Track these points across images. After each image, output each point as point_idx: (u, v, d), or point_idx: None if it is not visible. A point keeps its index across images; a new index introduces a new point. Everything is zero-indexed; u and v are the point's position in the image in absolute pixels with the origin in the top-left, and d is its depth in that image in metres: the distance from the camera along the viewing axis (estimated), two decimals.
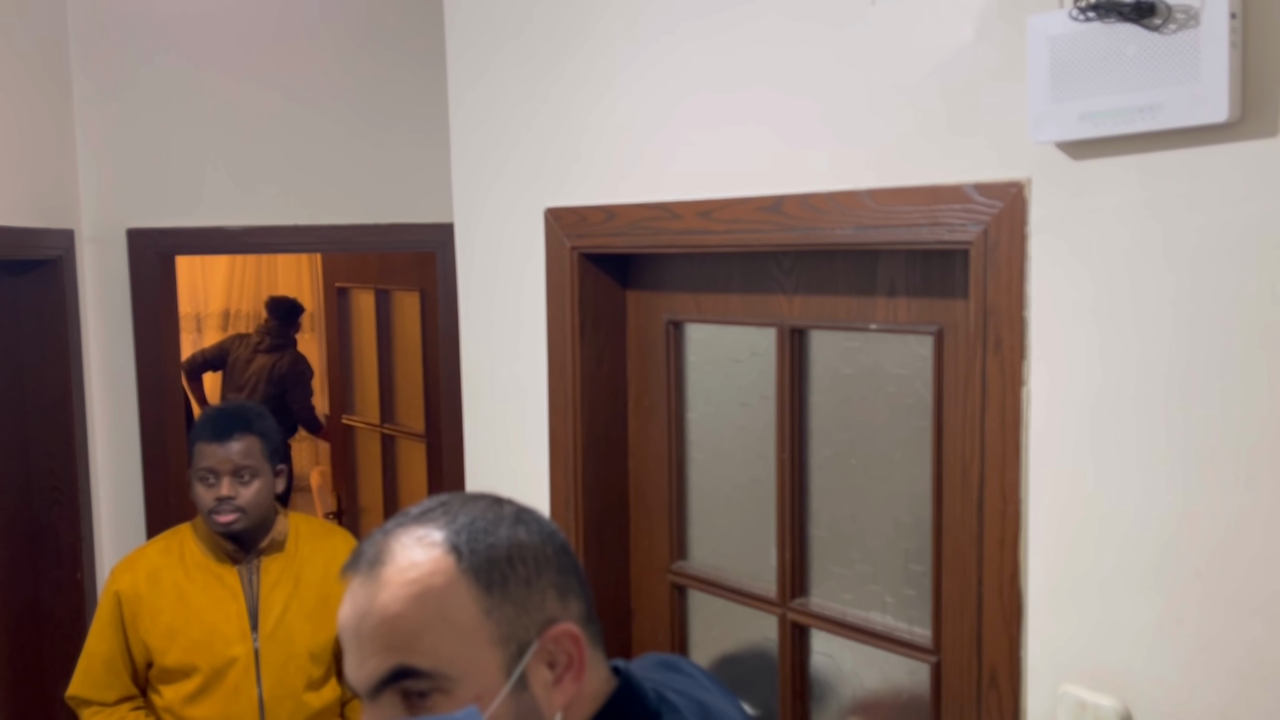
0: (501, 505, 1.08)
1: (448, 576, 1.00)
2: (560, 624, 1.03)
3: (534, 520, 1.08)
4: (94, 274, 3.29)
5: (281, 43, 3.34)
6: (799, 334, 1.92)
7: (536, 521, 1.08)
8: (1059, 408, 1.45)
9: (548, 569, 1.04)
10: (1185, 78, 1.24)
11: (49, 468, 3.14)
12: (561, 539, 1.09)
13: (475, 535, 1.03)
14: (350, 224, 3.36)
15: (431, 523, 1.04)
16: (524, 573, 1.03)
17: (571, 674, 1.04)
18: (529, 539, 1.05)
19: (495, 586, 1.01)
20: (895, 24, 1.59)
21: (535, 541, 1.05)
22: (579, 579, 1.08)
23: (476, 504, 1.08)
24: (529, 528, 1.06)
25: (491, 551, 1.02)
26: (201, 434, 2.35)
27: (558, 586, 1.04)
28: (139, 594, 2.33)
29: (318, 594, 2.41)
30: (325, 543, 2.49)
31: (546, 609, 1.03)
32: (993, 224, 1.48)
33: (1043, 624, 1.49)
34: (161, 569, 2.36)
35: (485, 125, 2.36)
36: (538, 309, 2.26)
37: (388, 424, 4.02)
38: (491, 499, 1.10)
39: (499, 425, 2.41)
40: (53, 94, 3.15)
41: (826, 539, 1.93)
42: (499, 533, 1.04)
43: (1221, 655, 1.32)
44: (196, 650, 2.31)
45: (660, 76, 1.96)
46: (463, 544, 1.02)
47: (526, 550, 1.04)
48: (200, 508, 2.34)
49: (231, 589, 2.35)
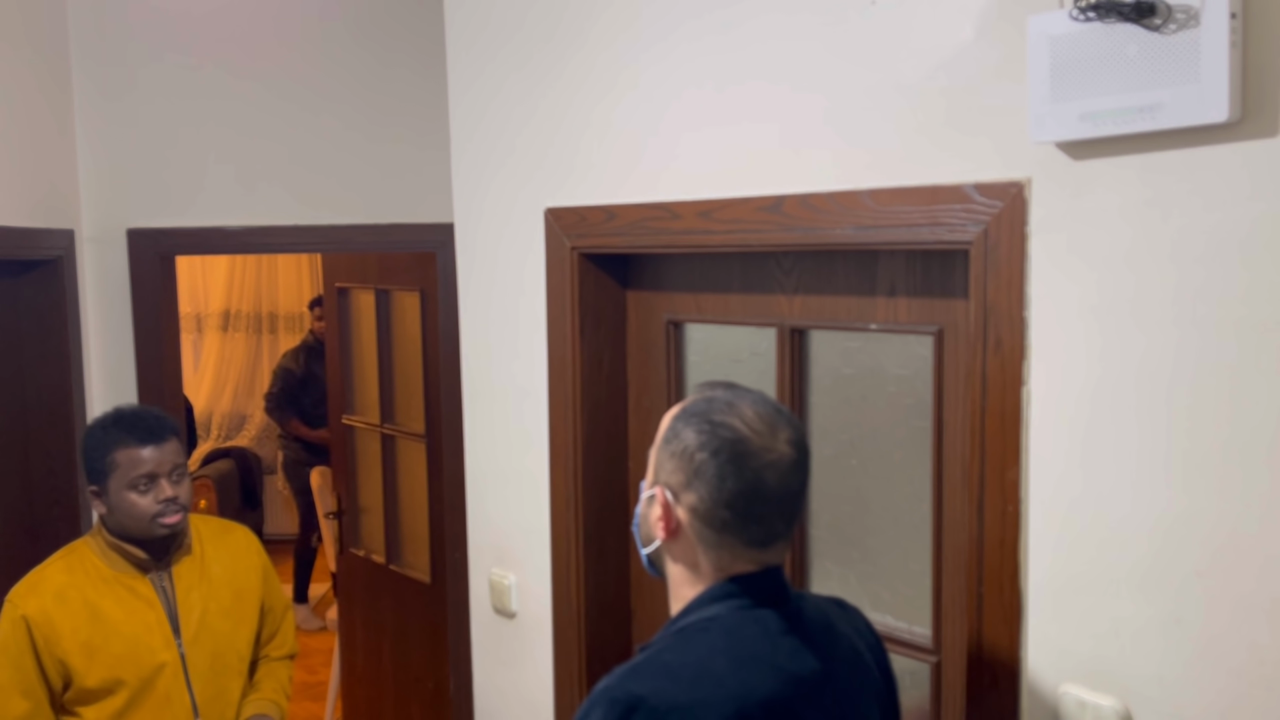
0: (724, 415, 1.34)
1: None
2: (659, 488, 1.38)
3: (716, 428, 1.33)
4: (94, 274, 3.29)
5: (282, 43, 3.34)
6: (799, 334, 1.92)
7: (721, 428, 1.33)
8: (1059, 408, 1.45)
9: (686, 460, 1.34)
10: (1185, 78, 1.24)
11: (49, 468, 3.14)
12: (727, 457, 1.32)
13: (683, 410, 1.38)
14: (350, 224, 3.36)
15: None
16: (673, 447, 1.36)
17: (663, 524, 1.37)
18: (691, 438, 1.34)
19: (664, 443, 1.38)
20: (895, 24, 1.59)
21: (693, 444, 1.33)
22: (730, 500, 1.31)
23: (707, 391, 1.39)
24: (700, 432, 1.33)
25: (669, 426, 1.39)
26: (129, 439, 2.22)
27: (685, 474, 1.34)
28: (49, 616, 2.19)
29: (231, 590, 2.37)
30: (227, 540, 2.44)
31: (667, 476, 1.37)
32: (993, 224, 1.48)
33: (1043, 624, 1.49)
34: (68, 587, 2.23)
35: (485, 125, 2.36)
36: (538, 309, 2.26)
37: (388, 424, 4.02)
38: (719, 396, 1.38)
39: (499, 425, 2.41)
40: (53, 94, 3.15)
41: (826, 539, 1.93)
42: (686, 411, 1.37)
43: (1222, 655, 1.32)
44: (121, 664, 2.21)
45: (660, 76, 1.96)
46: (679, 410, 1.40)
47: (681, 441, 1.35)
48: (137, 515, 2.21)
49: (146, 598, 2.26)
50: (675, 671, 1.28)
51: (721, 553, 1.35)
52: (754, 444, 1.31)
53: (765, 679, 1.29)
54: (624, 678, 1.29)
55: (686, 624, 1.34)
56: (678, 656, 1.30)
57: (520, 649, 2.41)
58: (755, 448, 1.31)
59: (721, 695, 1.26)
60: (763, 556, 1.36)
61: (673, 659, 1.30)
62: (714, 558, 1.35)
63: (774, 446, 1.32)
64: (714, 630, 1.33)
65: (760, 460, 1.31)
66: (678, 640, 1.33)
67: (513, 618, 2.42)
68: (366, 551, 4.21)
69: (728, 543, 1.34)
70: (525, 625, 2.38)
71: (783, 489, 1.32)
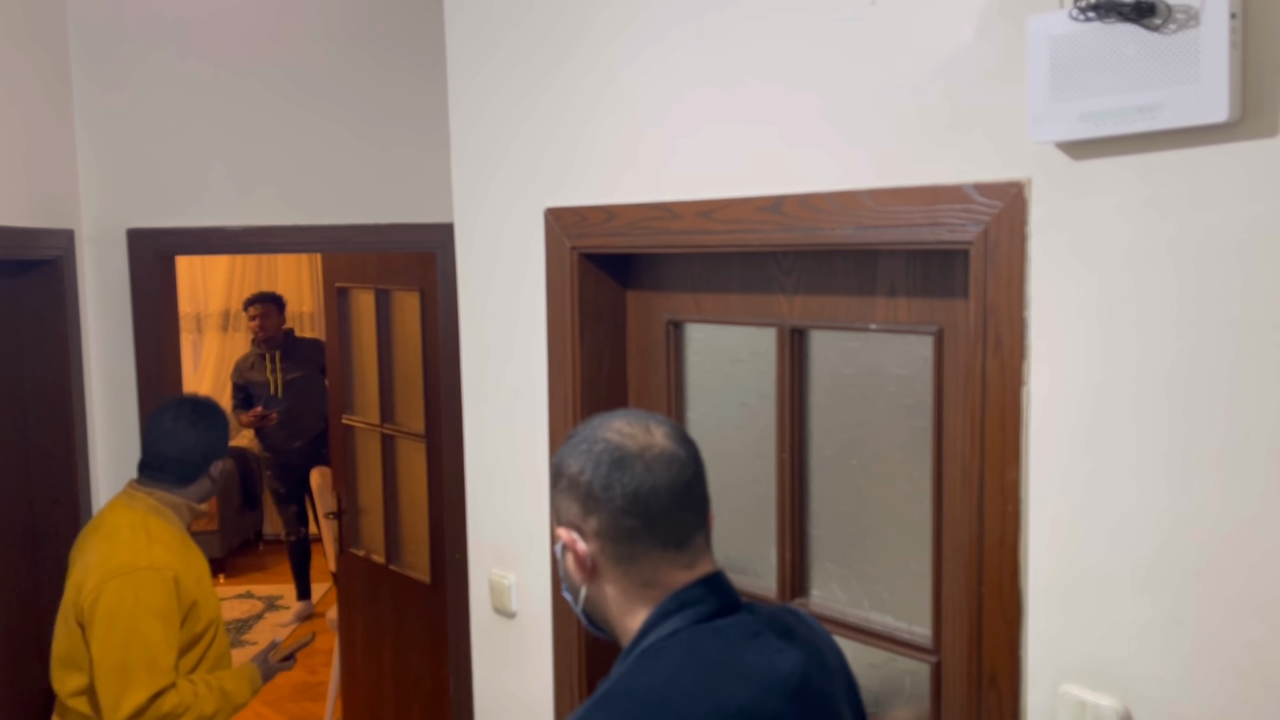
0: (596, 432, 1.36)
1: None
2: (560, 527, 1.37)
3: (591, 445, 1.34)
4: (94, 274, 3.29)
5: (282, 43, 3.34)
6: (799, 334, 1.92)
7: (595, 444, 1.34)
8: (1059, 408, 1.45)
9: (574, 489, 1.34)
10: (1185, 78, 1.24)
11: (49, 468, 3.14)
12: (604, 471, 1.32)
13: (559, 450, 1.40)
14: (350, 224, 3.36)
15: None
16: (560, 485, 1.37)
17: (579, 566, 1.35)
18: (573, 466, 1.34)
19: (553, 488, 1.39)
20: (895, 24, 1.59)
21: (575, 470, 1.34)
22: (627, 506, 1.31)
23: (608, 422, 1.37)
24: (578, 456, 1.34)
25: (551, 469, 1.40)
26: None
27: (580, 503, 1.34)
28: (179, 570, 2.48)
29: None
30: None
31: (567, 517, 1.36)
32: (993, 224, 1.48)
33: (1043, 624, 1.49)
34: (174, 541, 2.55)
35: (484, 124, 2.36)
36: (538, 309, 2.26)
37: (388, 424, 4.02)
38: (588, 422, 1.39)
39: (499, 425, 2.41)
40: (53, 94, 3.15)
41: (826, 539, 1.93)
42: (563, 450, 1.38)
43: (1221, 655, 1.32)
44: (213, 605, 2.59)
45: (660, 76, 1.96)
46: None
47: (565, 475, 1.36)
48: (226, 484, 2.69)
49: (200, 552, 2.66)
50: (643, 697, 1.24)
51: (643, 565, 1.33)
52: (631, 446, 1.32)
53: (738, 689, 1.26)
54: (590, 711, 1.25)
55: (644, 647, 1.31)
56: (643, 680, 1.27)
57: (520, 649, 2.41)
58: (633, 449, 1.32)
59: (696, 712, 1.23)
60: (688, 559, 1.34)
61: (638, 684, 1.27)
62: (639, 573, 1.33)
63: (652, 443, 1.33)
64: (674, 647, 1.29)
65: (643, 459, 1.31)
66: (638, 665, 1.29)
67: (513, 618, 2.42)
68: (366, 551, 4.21)
69: (644, 551, 1.32)
70: (525, 625, 2.38)
71: (675, 479, 1.32)
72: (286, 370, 6.14)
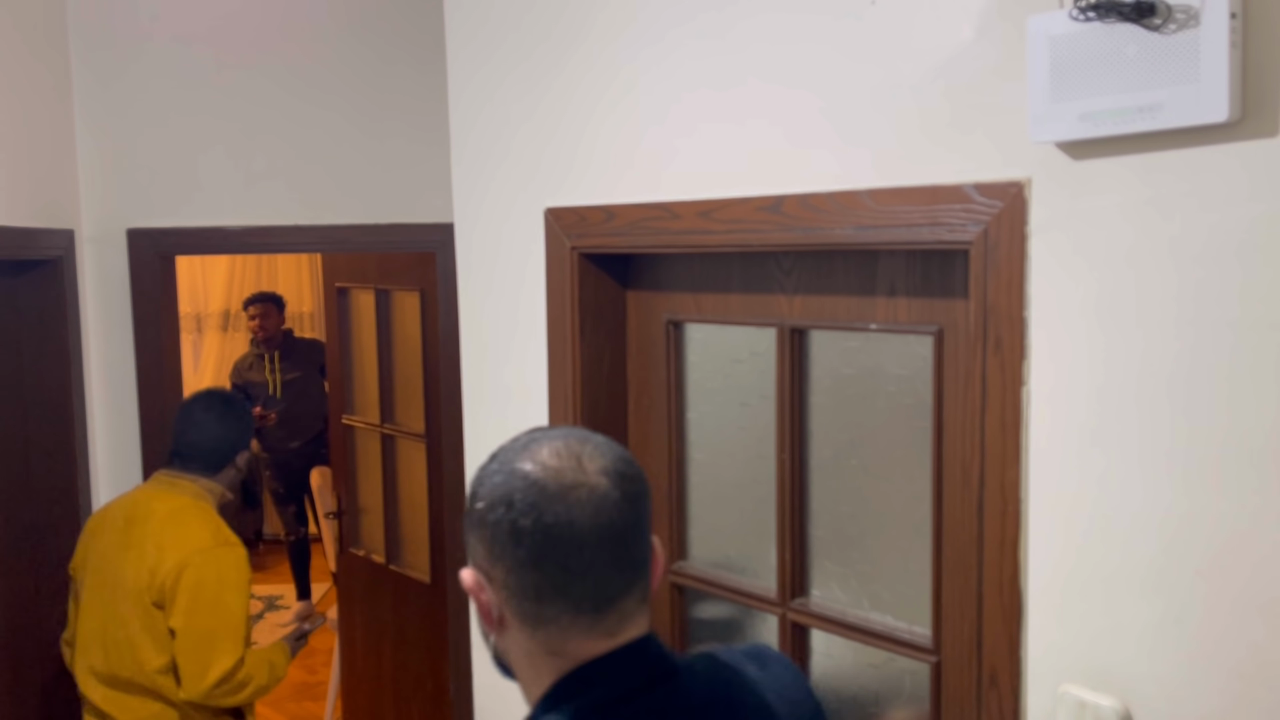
0: (516, 458, 1.12)
1: None
2: (466, 569, 1.14)
3: (508, 478, 1.11)
4: (94, 274, 3.29)
5: (283, 44, 3.34)
6: (799, 334, 1.92)
7: (511, 477, 1.10)
8: (1059, 408, 1.45)
9: (481, 527, 1.11)
10: (1185, 78, 1.24)
11: (49, 468, 3.14)
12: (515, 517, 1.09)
13: (477, 471, 1.17)
14: (350, 224, 3.36)
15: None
16: (471, 519, 1.13)
17: (484, 616, 1.14)
18: (483, 500, 1.11)
19: (465, 518, 1.16)
20: (895, 24, 1.59)
21: (484, 505, 1.11)
22: (535, 559, 1.08)
23: (536, 445, 1.14)
24: (491, 489, 1.11)
25: (472, 481, 1.17)
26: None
27: (485, 544, 1.11)
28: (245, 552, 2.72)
29: None
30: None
31: (474, 557, 1.13)
32: (993, 224, 1.48)
33: (1043, 624, 1.49)
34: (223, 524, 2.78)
35: (484, 124, 2.36)
36: (538, 309, 2.26)
37: (388, 424, 4.02)
38: (514, 443, 1.15)
39: (499, 425, 2.41)
40: (53, 94, 3.15)
41: (826, 539, 1.93)
42: (481, 471, 1.15)
43: (1222, 656, 1.32)
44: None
45: (660, 76, 1.96)
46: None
47: (475, 508, 1.13)
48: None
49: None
50: None
51: (550, 630, 1.10)
52: (550, 485, 1.08)
53: None
54: None
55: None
56: None
57: None
58: (553, 489, 1.08)
59: None
60: (611, 624, 1.10)
61: None
62: (545, 638, 1.10)
63: (581, 480, 1.08)
64: None
65: (564, 500, 1.07)
66: None
67: None
68: (366, 551, 4.21)
69: (552, 615, 1.09)
70: None
71: (602, 529, 1.07)
72: (285, 370, 6.14)
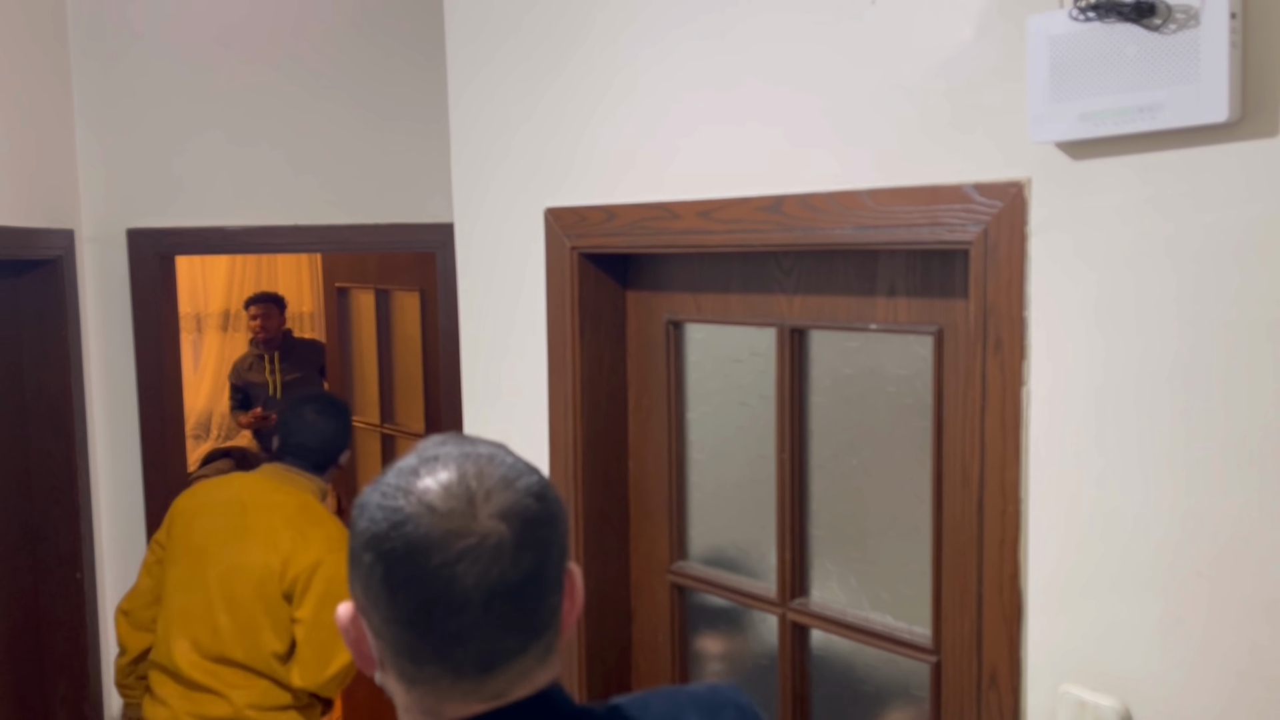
0: (408, 484, 0.97)
1: None
2: (345, 603, 1.00)
3: (386, 514, 0.95)
4: (94, 274, 3.29)
5: (283, 44, 3.34)
6: (799, 334, 1.92)
7: (389, 514, 0.95)
8: (1059, 408, 1.45)
9: (355, 563, 0.97)
10: (1185, 78, 1.24)
11: (49, 468, 3.14)
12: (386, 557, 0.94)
13: (366, 488, 1.02)
14: (350, 224, 3.36)
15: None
16: (351, 544, 0.99)
17: (361, 657, 1.01)
18: (359, 531, 0.97)
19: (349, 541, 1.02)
20: (895, 24, 1.59)
21: (358, 539, 0.97)
22: (410, 618, 0.93)
23: (435, 469, 0.97)
24: (369, 521, 0.96)
25: (357, 500, 1.02)
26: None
27: (360, 583, 0.97)
28: None
29: None
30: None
31: (352, 587, 0.99)
32: (993, 224, 1.48)
33: (1043, 624, 1.49)
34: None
35: (484, 124, 2.36)
36: (537, 309, 2.26)
37: (388, 424, 4.02)
38: (408, 463, 0.99)
39: (499, 425, 2.41)
40: (53, 94, 3.15)
41: (826, 539, 1.93)
42: (369, 490, 1.00)
43: (1222, 655, 1.32)
44: None
45: (660, 75, 1.96)
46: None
47: (352, 536, 0.99)
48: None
49: None
50: None
51: (424, 691, 0.96)
52: (435, 533, 0.92)
53: None
54: None
55: None
56: None
57: None
58: (438, 537, 0.92)
59: None
60: (499, 686, 0.96)
61: None
62: (419, 698, 0.96)
63: (468, 529, 0.92)
64: None
65: (447, 553, 0.91)
66: None
67: None
68: None
69: (429, 677, 0.95)
70: None
71: (491, 588, 0.92)
72: (285, 371, 6.13)
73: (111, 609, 3.25)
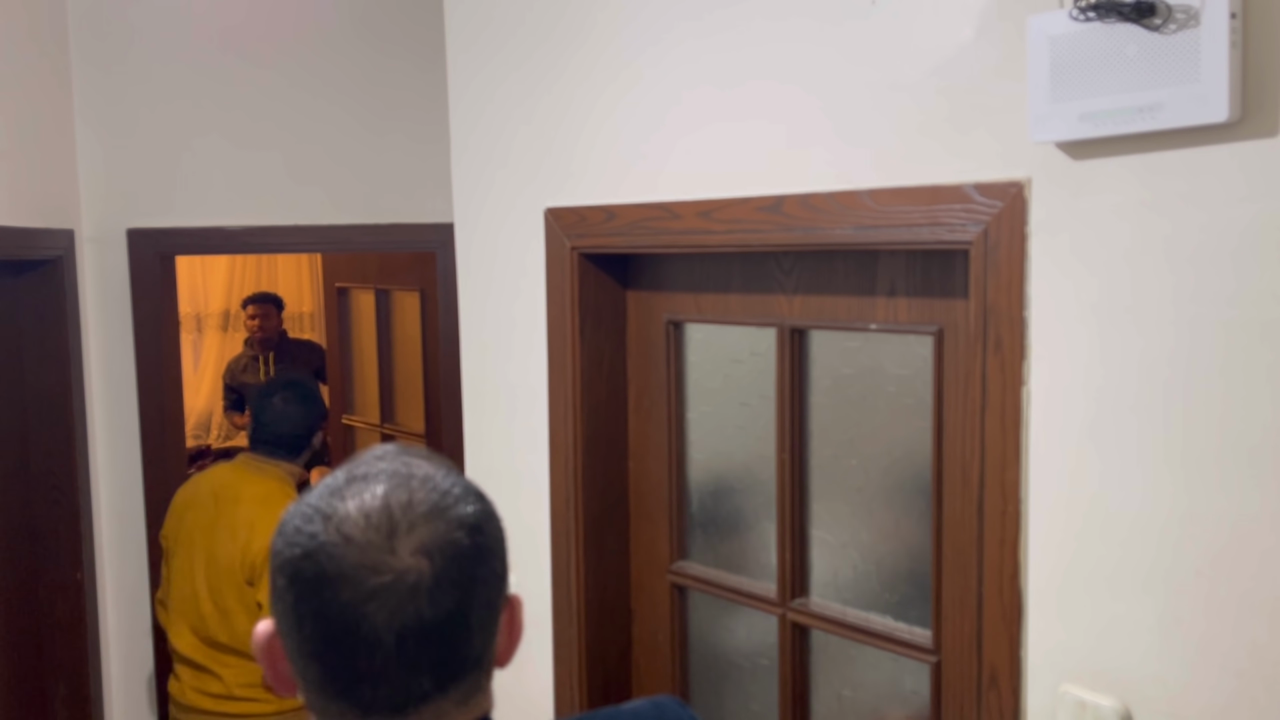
0: (332, 506, 0.91)
1: None
2: (265, 621, 0.95)
3: (303, 539, 0.89)
4: (94, 274, 3.29)
5: (283, 44, 3.34)
6: (799, 334, 1.92)
7: (302, 539, 0.89)
8: (1059, 408, 1.45)
9: (271, 586, 0.92)
10: (1185, 78, 1.24)
11: (49, 468, 3.14)
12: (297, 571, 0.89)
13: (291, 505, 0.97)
14: (350, 224, 3.36)
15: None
16: (272, 562, 0.93)
17: (277, 679, 0.95)
18: (276, 553, 0.91)
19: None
20: (895, 24, 1.59)
21: (274, 561, 0.91)
22: (318, 651, 0.89)
23: (361, 490, 0.91)
24: (285, 544, 0.91)
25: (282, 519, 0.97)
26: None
27: (276, 606, 0.91)
28: None
29: None
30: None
31: (270, 608, 0.93)
32: (993, 224, 1.48)
33: (1043, 624, 1.49)
34: None
35: (485, 124, 2.36)
36: (537, 309, 2.26)
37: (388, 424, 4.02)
38: (335, 480, 0.93)
39: (499, 425, 2.41)
40: (53, 94, 3.15)
41: (826, 539, 1.93)
42: (293, 508, 0.94)
43: (1222, 655, 1.32)
44: None
45: (660, 76, 1.96)
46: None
47: (271, 557, 0.93)
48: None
49: None
50: None
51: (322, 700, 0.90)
52: (347, 566, 0.86)
53: None
54: None
55: None
56: None
57: (520, 649, 2.40)
58: (349, 571, 0.86)
59: None
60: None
61: None
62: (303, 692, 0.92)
63: (384, 564, 0.86)
64: None
65: (358, 590, 0.85)
66: None
67: None
68: None
69: (338, 712, 0.89)
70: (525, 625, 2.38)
71: (405, 629, 0.86)
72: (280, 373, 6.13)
73: (112, 609, 3.27)
